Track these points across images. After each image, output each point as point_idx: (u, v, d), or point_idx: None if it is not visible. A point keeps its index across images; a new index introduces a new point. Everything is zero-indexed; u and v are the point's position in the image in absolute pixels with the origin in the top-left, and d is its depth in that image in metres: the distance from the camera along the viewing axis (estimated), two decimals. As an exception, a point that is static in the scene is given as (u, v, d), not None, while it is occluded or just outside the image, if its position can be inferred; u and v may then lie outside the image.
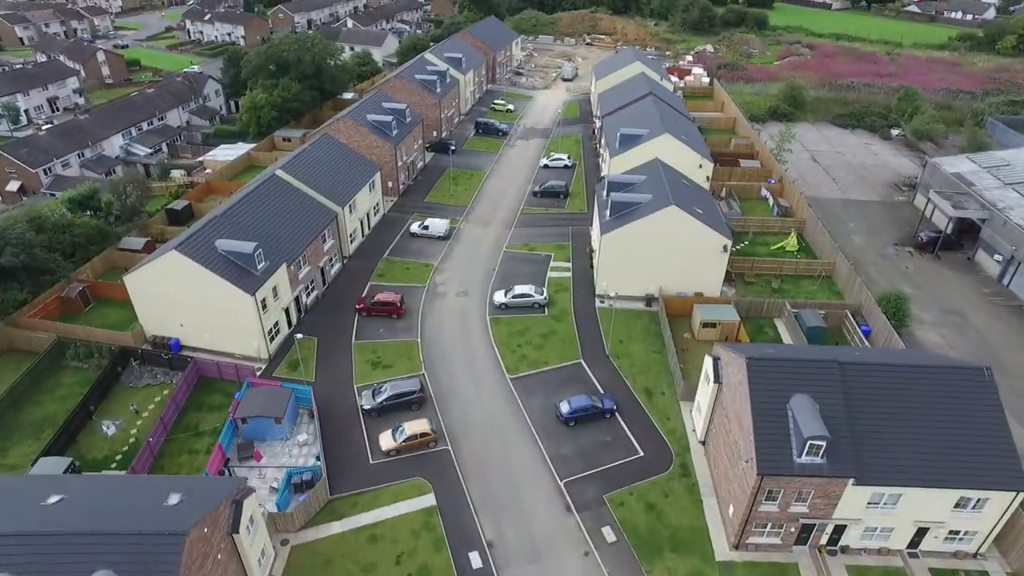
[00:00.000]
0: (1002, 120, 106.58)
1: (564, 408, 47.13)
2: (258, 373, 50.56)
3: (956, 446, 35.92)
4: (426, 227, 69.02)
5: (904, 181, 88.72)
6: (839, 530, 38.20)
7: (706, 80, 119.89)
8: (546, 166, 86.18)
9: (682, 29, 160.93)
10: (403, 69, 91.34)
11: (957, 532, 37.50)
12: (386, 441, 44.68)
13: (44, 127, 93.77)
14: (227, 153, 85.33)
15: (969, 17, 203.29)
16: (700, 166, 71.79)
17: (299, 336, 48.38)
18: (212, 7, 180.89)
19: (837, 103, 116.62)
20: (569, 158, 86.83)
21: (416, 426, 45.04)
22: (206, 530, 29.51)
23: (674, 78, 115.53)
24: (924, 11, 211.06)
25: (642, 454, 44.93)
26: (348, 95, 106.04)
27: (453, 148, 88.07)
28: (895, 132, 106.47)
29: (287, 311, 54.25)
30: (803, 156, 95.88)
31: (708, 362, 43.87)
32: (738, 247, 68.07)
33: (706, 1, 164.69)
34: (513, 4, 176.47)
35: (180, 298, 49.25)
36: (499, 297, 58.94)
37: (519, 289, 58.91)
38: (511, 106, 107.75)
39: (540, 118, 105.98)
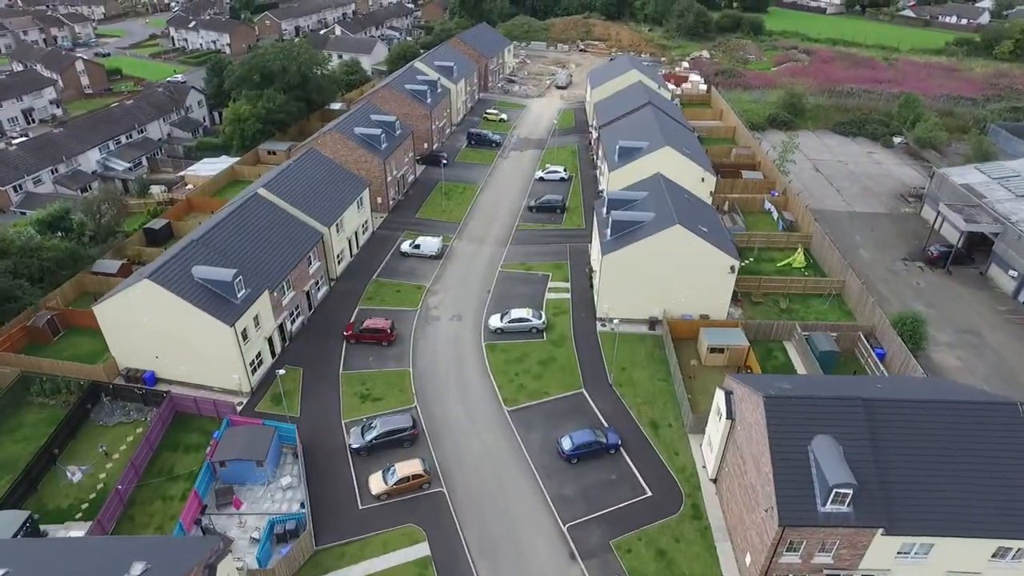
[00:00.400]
0: (1005, 127, 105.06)
1: (566, 444, 44.46)
2: (239, 408, 47.61)
3: (992, 491, 33.45)
4: (417, 246, 66.31)
5: (910, 192, 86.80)
6: (866, 581, 35.64)
7: (703, 87, 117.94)
8: (541, 179, 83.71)
9: (677, 35, 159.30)
10: (392, 79, 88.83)
11: (994, 583, 35.01)
12: (376, 484, 41.84)
13: (16, 141, 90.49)
14: (209, 168, 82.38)
15: (964, 21, 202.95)
16: (703, 180, 69.49)
17: (281, 371, 45.51)
18: (197, 14, 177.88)
19: (837, 110, 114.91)
20: (565, 170, 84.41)
21: (408, 467, 42.22)
22: (173, 605, 26.61)
23: (671, 85, 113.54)
24: (919, 15, 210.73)
25: (650, 494, 42.29)
26: (336, 105, 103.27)
27: (445, 161, 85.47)
28: (897, 140, 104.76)
29: (270, 340, 51.36)
30: (805, 166, 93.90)
31: (719, 396, 41.35)
32: (743, 264, 65.50)
33: (701, 6, 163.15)
34: (505, 10, 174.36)
35: (154, 329, 46.30)
36: (495, 322, 56.28)
37: (516, 313, 56.26)
38: (504, 116, 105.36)
39: (534, 128, 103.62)
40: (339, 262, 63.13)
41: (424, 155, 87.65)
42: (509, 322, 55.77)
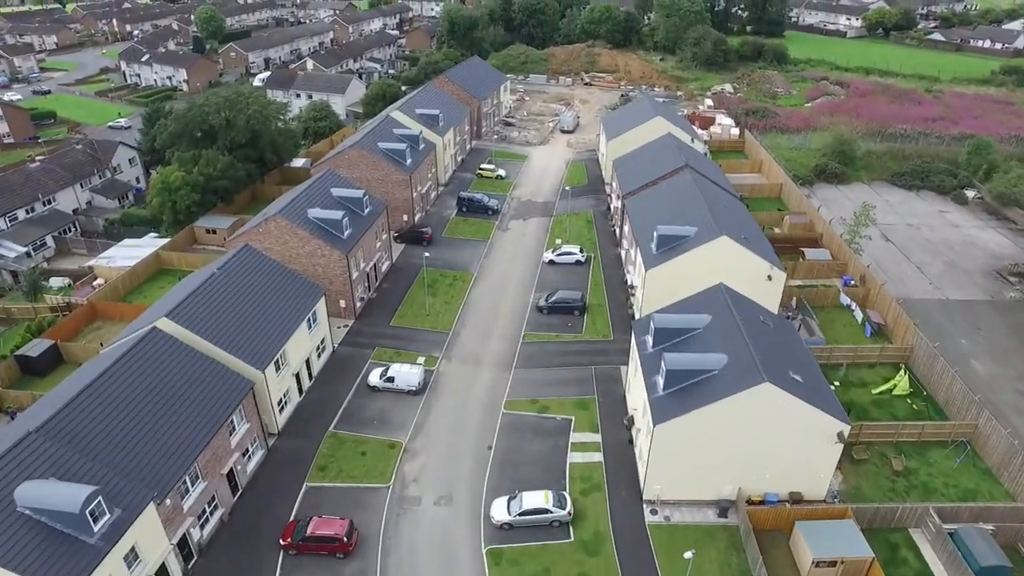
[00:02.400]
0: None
1: None
2: None
3: None
4: (391, 379, 50.31)
5: (1009, 268, 71.92)
6: None
7: (735, 132, 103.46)
8: (551, 262, 68.19)
9: (693, 65, 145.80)
10: (363, 136, 73.65)
11: None
12: None
13: None
14: (128, 254, 66.36)
15: (998, 46, 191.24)
16: (769, 278, 54.05)
17: None
18: (154, 46, 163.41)
19: (892, 157, 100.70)
20: (581, 250, 68.90)
21: None
22: None
23: (699, 130, 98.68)
24: (949, 39, 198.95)
25: None
26: (299, 162, 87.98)
27: (428, 254, 69.81)
28: (971, 194, 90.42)
29: (163, 569, 34.99)
30: (871, 232, 78.79)
31: None
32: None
33: (719, 33, 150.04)
34: (498, 38, 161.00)
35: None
36: (500, 511, 40.25)
37: (530, 500, 40.22)
38: (502, 171, 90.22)
39: (539, 186, 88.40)
40: (281, 409, 47.02)
41: (403, 231, 72.17)
42: (521, 513, 39.71)
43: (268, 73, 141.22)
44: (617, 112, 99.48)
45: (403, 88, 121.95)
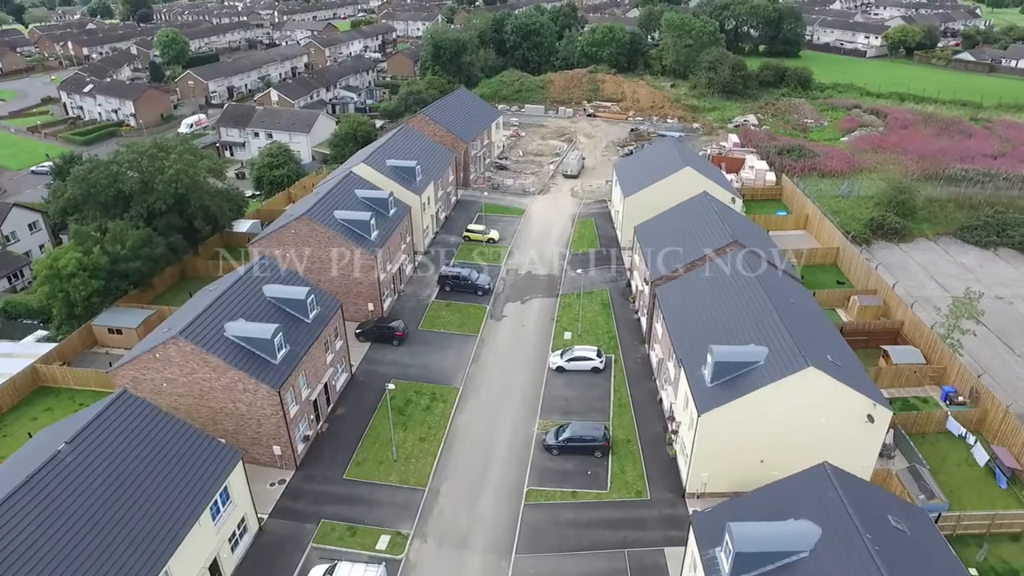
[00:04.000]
0: None
1: None
2: None
3: None
4: (335, 588, 35.33)
5: None
6: None
7: (771, 176, 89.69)
8: (560, 369, 53.54)
9: (709, 92, 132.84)
10: (316, 203, 58.81)
11: None
12: None
13: None
14: (-4, 367, 51.30)
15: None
16: (869, 418, 39.52)
17: None
18: (102, 75, 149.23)
19: (958, 206, 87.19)
20: (599, 353, 54.21)
21: None
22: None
23: (726, 175, 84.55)
24: (979, 59, 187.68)
25: None
26: (244, 226, 73.29)
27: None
28: (1060, 254, 76.77)
29: None
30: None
31: None
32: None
33: (737, 57, 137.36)
34: (489, 62, 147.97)
35: None
36: None
37: None
38: (494, 233, 75.74)
39: (540, 253, 73.68)
40: (162, 657, 31.86)
41: (367, 326, 57.50)
42: None
43: (196, 117, 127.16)
44: (634, 158, 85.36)
45: (378, 125, 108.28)
